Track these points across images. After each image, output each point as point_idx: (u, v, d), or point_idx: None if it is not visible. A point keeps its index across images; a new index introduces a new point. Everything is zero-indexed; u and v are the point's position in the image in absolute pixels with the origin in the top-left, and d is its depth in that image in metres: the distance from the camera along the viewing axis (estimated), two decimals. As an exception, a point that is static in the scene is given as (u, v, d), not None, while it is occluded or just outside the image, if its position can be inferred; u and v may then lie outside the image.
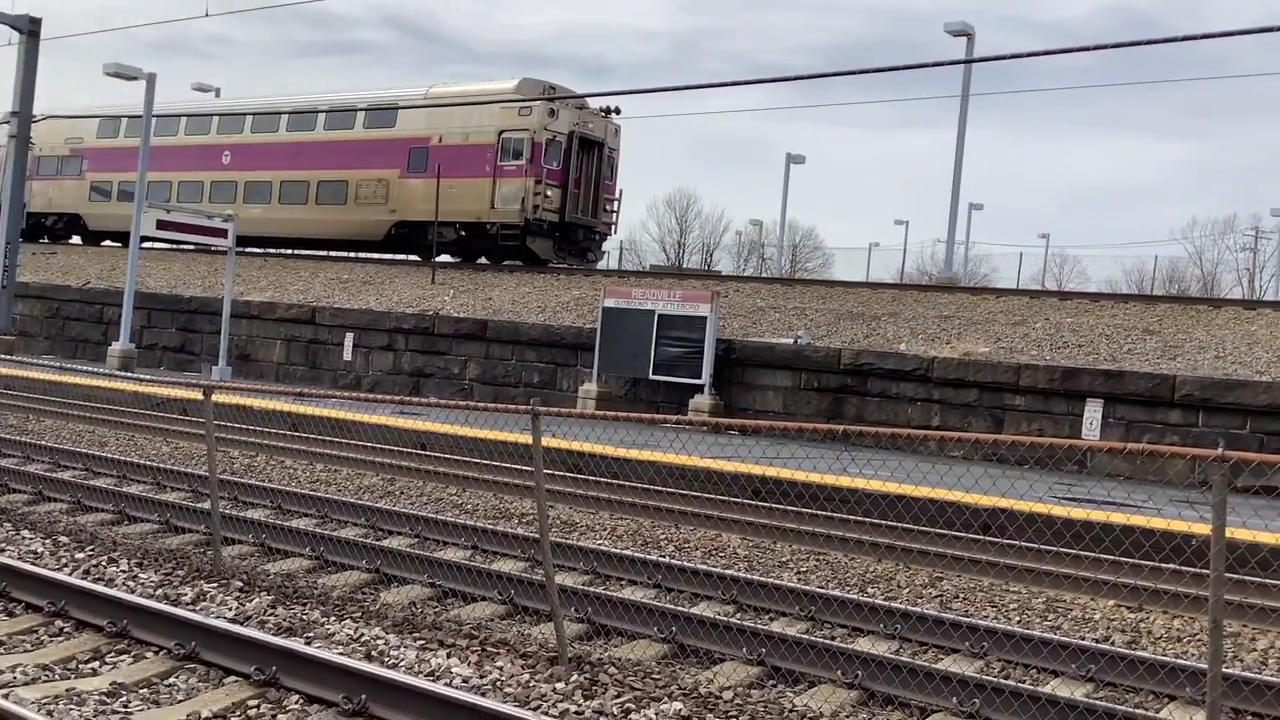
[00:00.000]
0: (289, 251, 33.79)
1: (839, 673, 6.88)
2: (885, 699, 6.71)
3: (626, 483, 13.52)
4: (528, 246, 28.73)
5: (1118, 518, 10.24)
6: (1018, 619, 8.99)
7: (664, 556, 10.29)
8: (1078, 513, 10.89)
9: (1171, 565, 9.78)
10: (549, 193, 28.29)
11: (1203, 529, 9.09)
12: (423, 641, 7.01)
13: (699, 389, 20.03)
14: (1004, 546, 10.72)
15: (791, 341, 20.18)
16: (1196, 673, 6.70)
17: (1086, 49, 20.44)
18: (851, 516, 12.03)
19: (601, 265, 33.02)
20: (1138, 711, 6.25)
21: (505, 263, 29.46)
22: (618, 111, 30.14)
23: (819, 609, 8.43)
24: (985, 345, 19.12)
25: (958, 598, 9.62)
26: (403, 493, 13.34)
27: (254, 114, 33.54)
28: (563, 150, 28.55)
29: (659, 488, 13.27)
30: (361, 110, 31.05)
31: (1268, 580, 9.31)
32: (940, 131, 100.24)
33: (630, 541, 11.24)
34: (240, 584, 8.24)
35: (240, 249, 27.15)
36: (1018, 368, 17.87)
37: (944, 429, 18.03)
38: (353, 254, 33.33)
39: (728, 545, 11.31)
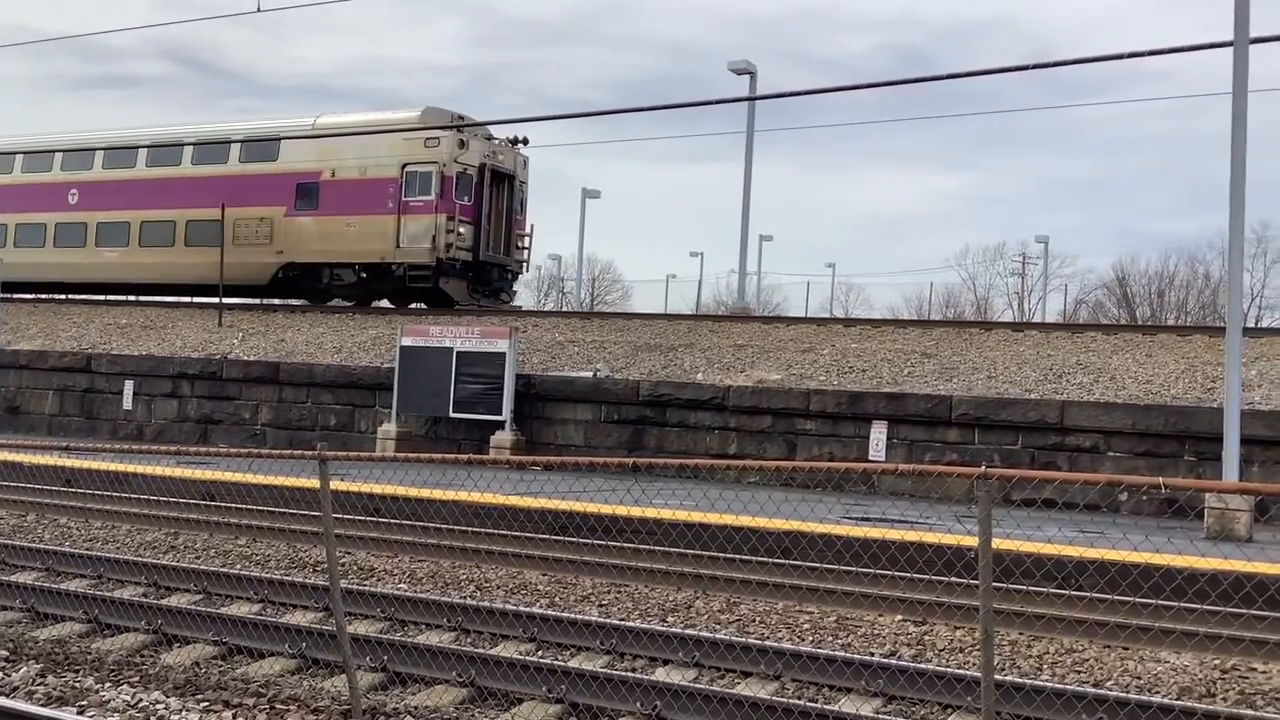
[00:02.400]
0: (62, 297, 31.81)
1: (638, 704, 6.93)
2: (683, 728, 6.80)
3: (427, 524, 13.30)
4: (440, 288, 27.05)
5: (899, 534, 10.69)
6: (811, 639, 9.26)
7: (465, 598, 10.17)
8: (864, 532, 11.31)
9: (945, 579, 10.24)
10: (461, 230, 26.63)
11: (975, 542, 9.59)
12: (206, 703, 6.71)
13: (500, 425, 19.92)
14: (798, 569, 11.03)
15: (591, 375, 20.33)
16: (973, 681, 7.03)
17: (861, 86, 21.47)
18: (651, 547, 12.16)
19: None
20: (919, 722, 6.52)
21: (413, 304, 27.65)
22: (525, 142, 28.74)
23: (620, 641, 8.48)
24: (778, 373, 19.70)
25: (755, 621, 9.85)
26: (188, 547, 12.76)
27: (106, 148, 30.60)
28: (474, 184, 26.98)
29: (460, 527, 13.11)
30: (237, 142, 28.71)
31: (1034, 588, 9.87)
32: (732, 164, 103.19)
33: (430, 584, 11.06)
34: (6, 653, 7.72)
35: (6, 295, 25.55)
36: (808, 393, 18.47)
37: (740, 456, 18.45)
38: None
39: (530, 582, 11.26)
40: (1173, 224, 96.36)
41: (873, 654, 8.62)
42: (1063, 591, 10.04)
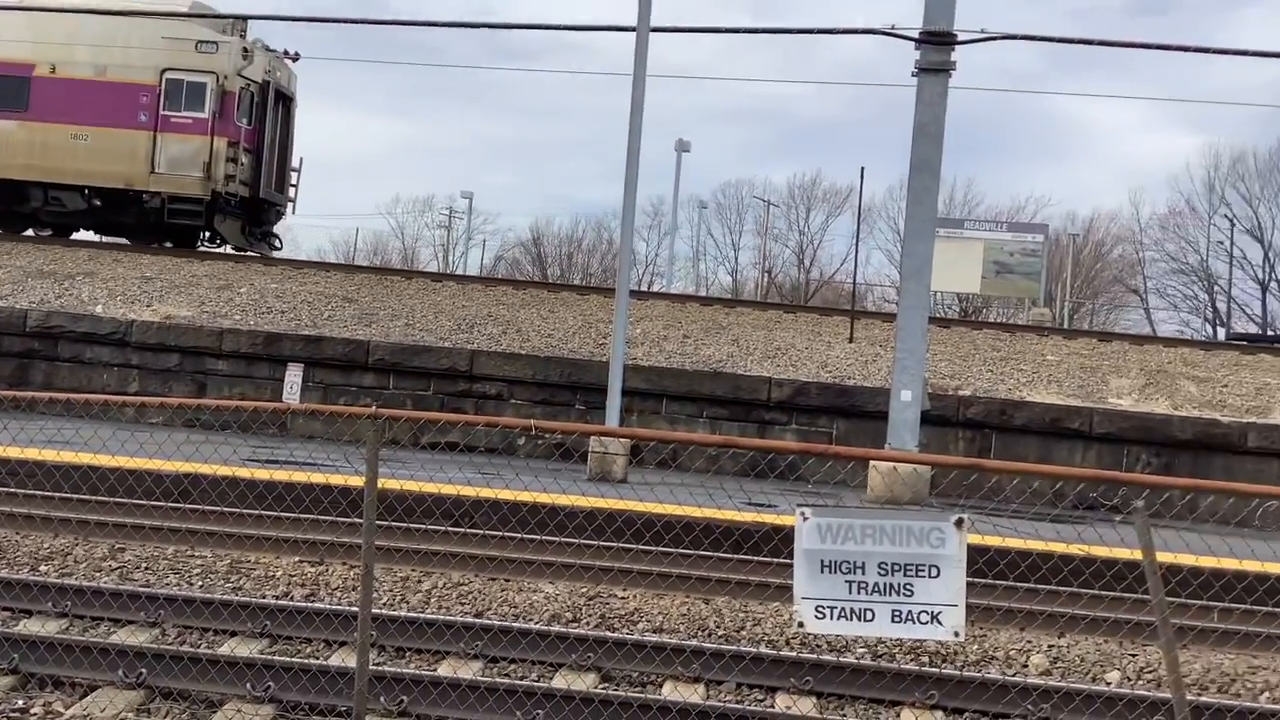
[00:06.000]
0: None
1: (-9, 662, 6.34)
2: (43, 681, 6.32)
3: None
4: (214, 227, 22.11)
5: (291, 475, 10.66)
6: (201, 583, 8.99)
7: None
8: (265, 474, 11.14)
9: (344, 519, 10.38)
10: (243, 159, 21.85)
11: (393, 484, 9.87)
12: None
13: None
14: (191, 512, 10.62)
15: (-34, 301, 18.03)
16: (353, 616, 7.21)
17: (303, 19, 20.92)
18: (28, 491, 11.08)
19: None
20: (297, 661, 6.59)
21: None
22: (297, 57, 23.85)
23: (-25, 596, 7.67)
24: (189, 309, 18.73)
25: (141, 567, 9.36)
26: None
27: None
28: (255, 104, 22.13)
29: None
30: None
31: (429, 526, 10.31)
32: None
33: None
34: None
35: None
36: (220, 332, 17.76)
37: (142, 395, 17.35)
38: None
39: None
40: (585, 191, 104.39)
41: (264, 596, 8.55)
42: (455, 529, 10.58)
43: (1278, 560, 8.35)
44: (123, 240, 24.24)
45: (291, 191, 25.08)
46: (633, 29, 15.28)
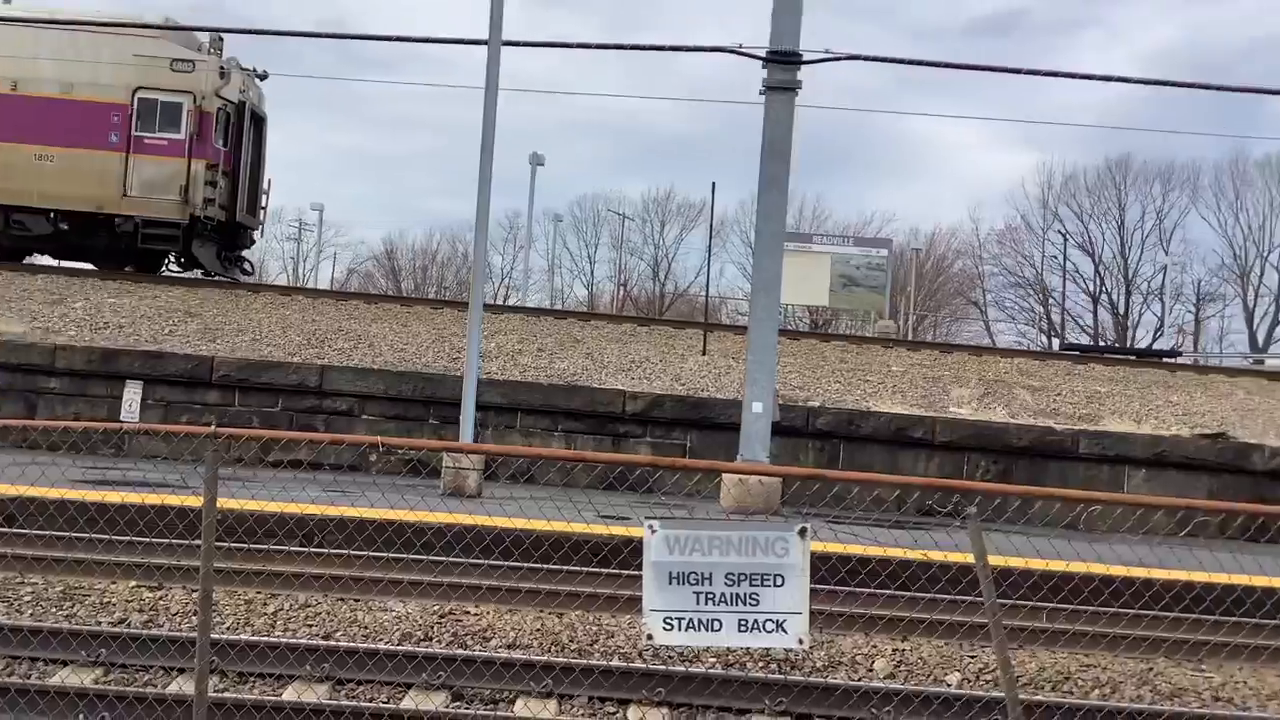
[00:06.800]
0: None
1: None
2: None
3: None
4: (192, 253, 21.20)
5: (133, 497, 10.29)
6: (31, 612, 8.59)
7: None
8: (99, 495, 10.71)
9: (185, 542, 10.05)
10: (221, 182, 21.03)
11: (235, 504, 9.62)
12: None
13: None
14: (19, 537, 10.15)
15: None
16: (191, 642, 7.00)
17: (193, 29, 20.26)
18: None
19: None
20: (134, 690, 6.36)
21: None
22: (265, 76, 22.71)
23: None
24: (19, 325, 17.91)
25: (-36, 599, 8.90)
26: None
27: None
28: (232, 126, 21.30)
29: None
30: None
31: (273, 548, 10.07)
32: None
33: None
34: None
35: None
36: (54, 349, 17.03)
37: (-33, 415, 16.51)
38: None
39: None
40: (439, 203, 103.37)
41: (100, 623, 8.22)
42: (301, 549, 10.35)
43: (1102, 561, 8.78)
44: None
45: (262, 214, 24.62)
46: (485, 42, 15.23)
